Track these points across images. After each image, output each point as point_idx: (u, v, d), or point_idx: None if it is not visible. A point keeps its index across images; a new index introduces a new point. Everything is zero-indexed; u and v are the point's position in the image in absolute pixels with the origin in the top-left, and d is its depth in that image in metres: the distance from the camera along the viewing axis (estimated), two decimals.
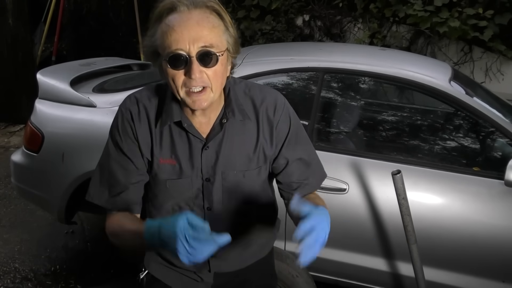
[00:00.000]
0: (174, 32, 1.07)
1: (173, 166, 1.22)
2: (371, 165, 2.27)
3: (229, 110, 1.21)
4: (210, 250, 1.01)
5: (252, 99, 1.25)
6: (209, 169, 1.23)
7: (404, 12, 5.08)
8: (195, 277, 1.39)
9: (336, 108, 2.67)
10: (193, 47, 1.06)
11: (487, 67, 4.99)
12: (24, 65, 5.41)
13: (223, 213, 1.28)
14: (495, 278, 2.17)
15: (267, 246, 1.46)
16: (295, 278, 2.12)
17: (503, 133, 2.22)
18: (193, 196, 1.25)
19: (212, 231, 1.04)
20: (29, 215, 3.52)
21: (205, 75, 1.09)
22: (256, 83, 1.33)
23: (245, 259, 1.39)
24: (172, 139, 1.22)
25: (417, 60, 2.89)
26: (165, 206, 1.28)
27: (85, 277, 2.82)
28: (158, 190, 1.26)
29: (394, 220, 2.16)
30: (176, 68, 1.09)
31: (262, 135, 1.25)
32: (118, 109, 1.26)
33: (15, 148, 4.53)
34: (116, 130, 1.25)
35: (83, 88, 2.69)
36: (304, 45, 3.68)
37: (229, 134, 1.22)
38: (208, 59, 1.08)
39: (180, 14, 1.08)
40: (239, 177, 1.25)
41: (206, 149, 1.22)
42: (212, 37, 1.08)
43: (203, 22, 1.08)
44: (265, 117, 1.25)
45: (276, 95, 1.29)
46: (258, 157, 1.26)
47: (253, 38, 5.82)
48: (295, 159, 1.30)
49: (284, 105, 1.28)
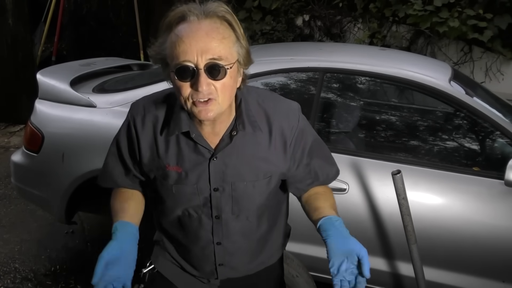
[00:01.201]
0: (182, 43, 1.05)
1: (179, 173, 1.22)
2: (371, 165, 2.27)
3: (239, 122, 1.19)
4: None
5: (265, 111, 1.23)
6: (217, 179, 1.22)
7: (404, 12, 5.08)
8: (203, 279, 1.40)
9: (336, 108, 2.67)
10: (201, 59, 1.04)
11: (487, 67, 4.99)
12: (24, 65, 5.40)
13: (231, 222, 1.27)
14: (495, 278, 2.17)
15: (276, 254, 1.46)
16: (295, 278, 2.12)
17: (503, 133, 2.21)
18: (201, 204, 1.25)
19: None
20: (29, 215, 3.52)
21: (213, 87, 1.07)
22: (268, 92, 1.32)
23: (253, 266, 1.39)
24: (179, 147, 1.21)
25: (417, 60, 2.89)
26: (175, 211, 1.28)
27: (85, 277, 2.83)
28: (166, 195, 1.27)
29: (394, 220, 2.16)
30: (183, 80, 1.07)
31: (274, 147, 1.23)
32: (127, 114, 1.30)
33: (15, 148, 4.54)
34: (120, 132, 1.30)
35: (83, 88, 2.68)
36: (304, 45, 3.68)
37: (238, 146, 1.21)
38: (216, 71, 1.06)
39: (189, 24, 1.06)
40: (248, 188, 1.24)
41: (214, 160, 1.21)
42: (221, 49, 1.06)
43: (213, 33, 1.05)
44: (279, 129, 1.23)
45: (289, 106, 1.27)
46: (268, 168, 1.24)
47: (253, 38, 5.82)
48: (314, 165, 1.32)
49: (299, 118, 1.27)
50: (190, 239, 1.31)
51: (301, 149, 1.28)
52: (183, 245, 1.35)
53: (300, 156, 1.29)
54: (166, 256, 1.41)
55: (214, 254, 1.31)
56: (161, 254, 1.41)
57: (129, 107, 1.30)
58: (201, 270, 1.36)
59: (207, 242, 1.30)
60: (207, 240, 1.29)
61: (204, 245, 1.30)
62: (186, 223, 1.29)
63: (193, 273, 1.38)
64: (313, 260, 2.32)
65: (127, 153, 1.29)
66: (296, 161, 1.28)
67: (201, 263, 1.34)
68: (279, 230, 1.42)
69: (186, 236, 1.32)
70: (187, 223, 1.29)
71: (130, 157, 1.29)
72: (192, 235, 1.30)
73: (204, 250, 1.31)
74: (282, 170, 1.27)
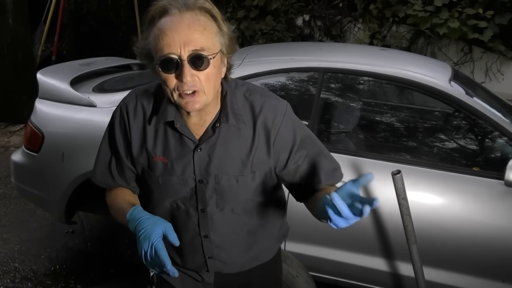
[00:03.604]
0: (165, 36, 1.07)
1: (165, 164, 1.24)
2: (371, 165, 2.27)
3: (223, 114, 1.21)
4: (156, 267, 1.10)
5: (251, 104, 1.23)
6: (202, 170, 1.23)
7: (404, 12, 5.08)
8: (197, 277, 1.40)
9: (336, 108, 2.67)
10: (184, 50, 1.07)
11: (487, 67, 4.98)
12: (24, 65, 5.40)
13: (216, 215, 1.28)
14: (495, 278, 2.17)
15: (270, 251, 1.45)
16: (295, 278, 2.12)
17: (503, 133, 2.22)
18: (188, 195, 1.26)
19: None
20: (29, 215, 3.52)
21: (197, 78, 1.09)
22: (259, 87, 1.31)
23: (245, 262, 1.39)
24: (166, 137, 1.23)
25: (417, 60, 2.89)
26: (163, 203, 1.29)
27: (85, 277, 2.82)
28: (153, 185, 1.29)
29: (394, 220, 2.16)
30: (168, 72, 1.09)
31: (258, 142, 1.23)
32: (120, 102, 1.32)
33: (15, 147, 4.53)
34: (113, 120, 1.32)
35: (83, 88, 2.69)
36: (304, 45, 3.69)
37: (222, 138, 1.22)
38: (199, 62, 1.08)
39: (171, 18, 1.08)
40: (232, 182, 1.24)
41: (199, 151, 1.22)
42: (203, 40, 1.08)
43: (194, 25, 1.07)
44: (263, 124, 1.23)
45: (277, 102, 1.26)
46: (252, 163, 1.24)
47: (253, 38, 5.81)
48: (305, 163, 1.28)
49: (285, 113, 1.25)
50: (180, 231, 1.31)
51: (287, 147, 1.25)
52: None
53: (287, 154, 1.26)
54: None
55: (202, 247, 1.32)
56: None
57: None
58: (192, 263, 1.37)
59: (194, 235, 1.31)
60: (194, 233, 1.31)
61: (192, 238, 1.32)
62: (176, 215, 1.30)
63: (186, 266, 1.38)
64: (313, 260, 2.33)
65: (120, 141, 1.30)
66: (282, 160, 1.26)
67: (191, 255, 1.35)
68: (272, 227, 1.41)
69: (176, 229, 1.32)
70: (177, 215, 1.30)
71: (124, 145, 1.30)
72: (181, 227, 1.31)
73: (192, 242, 1.32)
74: (268, 166, 1.26)
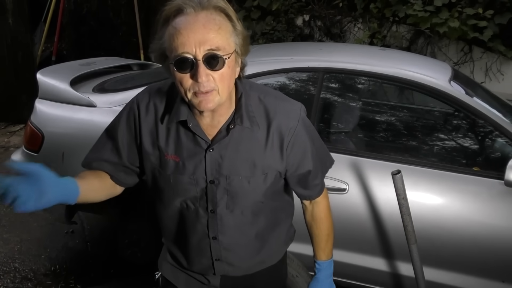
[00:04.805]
0: (180, 35, 1.06)
1: (177, 162, 1.23)
2: (371, 165, 2.27)
3: (238, 116, 1.20)
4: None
5: (266, 107, 1.23)
6: (213, 171, 1.23)
7: (404, 12, 5.08)
8: (203, 279, 1.40)
9: (336, 108, 2.67)
10: (199, 50, 1.06)
11: (487, 67, 4.99)
12: (24, 65, 5.40)
13: (225, 216, 1.28)
14: (495, 278, 2.17)
15: (276, 254, 1.45)
16: (295, 278, 2.12)
17: (503, 133, 2.22)
18: (198, 195, 1.26)
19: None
20: (29, 215, 3.51)
21: (212, 78, 1.08)
22: (274, 90, 1.32)
23: (252, 265, 1.39)
24: (179, 136, 1.23)
25: (417, 60, 2.89)
26: (173, 202, 1.29)
27: (85, 277, 2.83)
28: (164, 184, 1.28)
29: (394, 220, 2.16)
30: (183, 71, 1.08)
31: (271, 145, 1.23)
32: (132, 99, 1.30)
33: (15, 148, 4.53)
34: (121, 115, 1.30)
35: (83, 88, 2.69)
36: (304, 45, 3.68)
37: (235, 140, 1.21)
38: (214, 62, 1.07)
39: (186, 17, 1.07)
40: (243, 183, 1.24)
41: (211, 151, 1.21)
42: (219, 40, 1.07)
43: (210, 25, 1.06)
44: (277, 128, 1.23)
45: (291, 106, 1.27)
46: (264, 165, 1.24)
47: (253, 38, 5.82)
48: (314, 168, 1.32)
49: (299, 119, 1.26)
50: (188, 232, 1.31)
51: (300, 153, 1.28)
52: (181, 239, 1.35)
53: (298, 160, 1.29)
54: (168, 258, 1.42)
55: (210, 248, 1.32)
56: (164, 259, 1.43)
57: None
58: (199, 265, 1.36)
59: (203, 236, 1.30)
60: (203, 234, 1.30)
61: (200, 239, 1.31)
62: (185, 215, 1.30)
63: (192, 269, 1.38)
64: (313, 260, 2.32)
65: (123, 136, 1.28)
66: (294, 165, 1.29)
67: (198, 257, 1.35)
68: (280, 229, 1.41)
69: (184, 229, 1.32)
70: (186, 215, 1.30)
71: (127, 140, 1.28)
72: (190, 228, 1.30)
73: (200, 243, 1.32)
74: (278, 169, 1.27)
